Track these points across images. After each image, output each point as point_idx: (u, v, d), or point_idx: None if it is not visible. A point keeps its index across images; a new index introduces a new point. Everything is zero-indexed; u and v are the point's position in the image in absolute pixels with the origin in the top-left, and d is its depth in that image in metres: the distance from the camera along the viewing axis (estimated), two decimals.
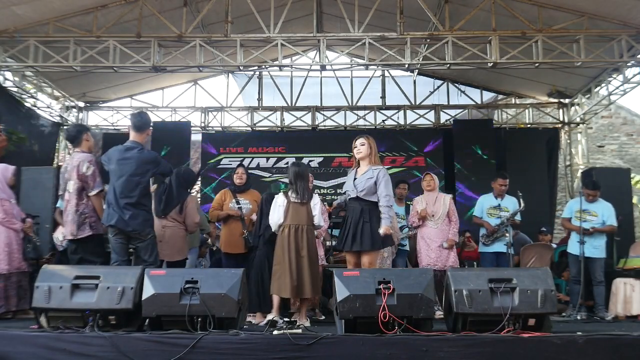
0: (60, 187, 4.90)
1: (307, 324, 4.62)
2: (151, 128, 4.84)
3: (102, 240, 4.78)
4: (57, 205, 5.89)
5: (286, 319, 4.55)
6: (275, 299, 4.75)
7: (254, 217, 5.48)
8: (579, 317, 5.78)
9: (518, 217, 6.23)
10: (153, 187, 4.96)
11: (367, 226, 4.55)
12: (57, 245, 5.83)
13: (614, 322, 5.66)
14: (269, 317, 4.63)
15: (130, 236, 4.52)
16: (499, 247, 6.12)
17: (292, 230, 4.69)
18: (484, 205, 6.39)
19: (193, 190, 10.97)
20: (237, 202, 5.54)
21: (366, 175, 4.64)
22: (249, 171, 9.70)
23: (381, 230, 4.53)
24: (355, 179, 4.71)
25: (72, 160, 4.76)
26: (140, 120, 4.79)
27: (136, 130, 4.72)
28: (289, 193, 4.81)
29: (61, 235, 5.48)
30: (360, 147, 4.73)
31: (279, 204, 4.81)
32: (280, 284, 4.69)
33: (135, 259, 4.62)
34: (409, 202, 6.66)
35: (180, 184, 5.09)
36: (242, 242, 5.43)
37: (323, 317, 5.69)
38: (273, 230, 4.91)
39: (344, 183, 5.16)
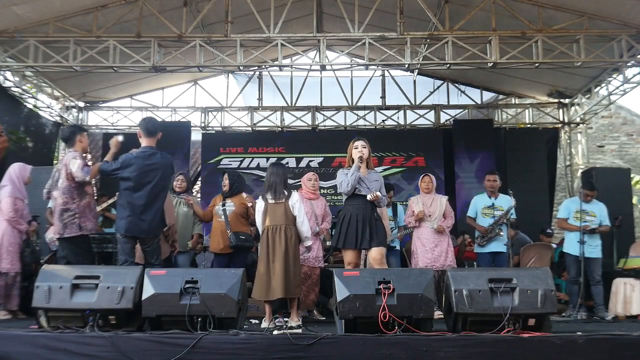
0: (47, 186, 4.87)
1: (298, 323, 4.53)
2: (161, 132, 4.85)
3: (88, 239, 4.78)
4: (49, 205, 5.80)
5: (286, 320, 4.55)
6: (266, 305, 4.67)
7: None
8: (579, 317, 5.78)
9: (513, 215, 6.16)
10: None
11: (379, 223, 4.78)
12: (49, 245, 5.79)
13: (614, 322, 5.66)
14: (263, 324, 4.56)
15: (142, 240, 4.60)
16: (495, 247, 6.07)
17: (271, 231, 4.64)
18: (478, 205, 6.33)
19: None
20: (223, 205, 5.58)
21: (373, 177, 4.84)
22: (249, 171, 9.86)
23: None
24: (359, 178, 4.75)
25: (63, 160, 4.79)
26: (152, 124, 4.82)
27: (149, 135, 4.73)
28: (267, 195, 4.79)
29: (52, 234, 5.46)
30: (362, 148, 4.83)
31: (259, 209, 4.80)
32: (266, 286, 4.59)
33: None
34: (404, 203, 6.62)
35: None
36: (226, 242, 5.44)
37: (323, 318, 5.67)
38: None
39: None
